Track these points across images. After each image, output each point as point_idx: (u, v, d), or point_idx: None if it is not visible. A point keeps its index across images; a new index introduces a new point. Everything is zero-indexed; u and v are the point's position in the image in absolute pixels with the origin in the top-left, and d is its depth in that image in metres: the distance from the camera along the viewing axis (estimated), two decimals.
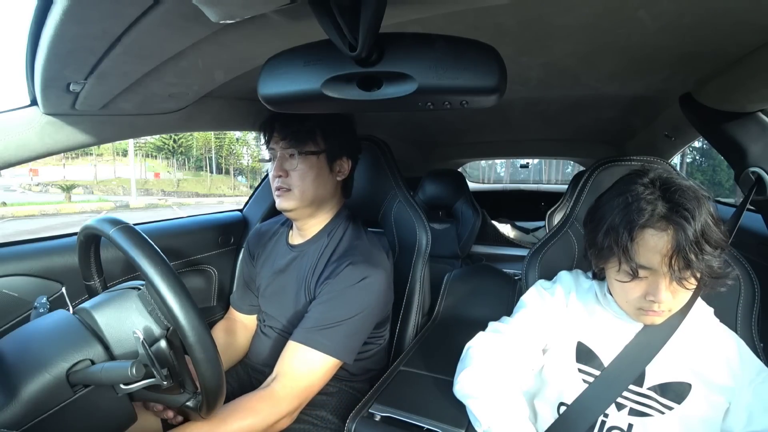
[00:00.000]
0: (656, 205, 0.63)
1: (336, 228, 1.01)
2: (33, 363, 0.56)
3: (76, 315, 0.64)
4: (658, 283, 0.64)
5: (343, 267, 0.90)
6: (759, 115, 0.85)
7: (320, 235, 1.01)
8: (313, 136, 0.94)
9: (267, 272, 1.07)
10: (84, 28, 0.49)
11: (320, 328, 0.86)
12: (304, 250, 1.01)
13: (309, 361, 0.85)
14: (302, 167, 0.93)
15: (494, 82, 0.44)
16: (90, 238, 0.71)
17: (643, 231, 0.63)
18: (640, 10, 0.59)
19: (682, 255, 0.61)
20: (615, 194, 0.70)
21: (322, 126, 0.95)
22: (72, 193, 23.74)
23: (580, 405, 0.71)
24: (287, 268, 1.02)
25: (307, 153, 0.93)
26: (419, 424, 0.70)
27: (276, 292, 1.04)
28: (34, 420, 0.54)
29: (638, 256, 0.64)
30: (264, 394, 0.82)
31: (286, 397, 0.82)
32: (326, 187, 0.98)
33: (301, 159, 0.93)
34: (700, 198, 0.63)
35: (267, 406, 0.81)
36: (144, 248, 0.59)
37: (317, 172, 0.95)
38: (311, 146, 0.94)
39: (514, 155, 2.78)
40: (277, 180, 0.94)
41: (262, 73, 0.48)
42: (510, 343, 0.75)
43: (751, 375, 0.68)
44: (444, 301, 1.21)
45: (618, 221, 0.66)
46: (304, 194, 0.94)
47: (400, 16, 0.52)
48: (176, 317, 0.57)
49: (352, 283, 0.89)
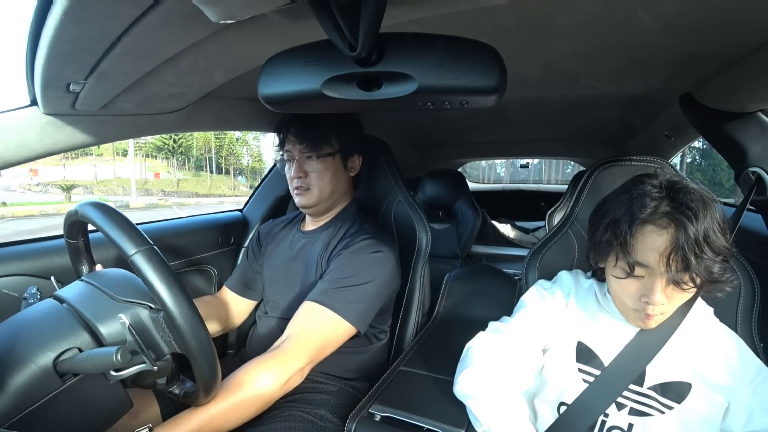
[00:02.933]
0: (660, 202, 0.63)
1: (347, 215, 1.07)
2: (19, 354, 0.55)
3: (64, 304, 0.63)
4: (654, 284, 0.63)
5: (356, 240, 0.96)
6: (759, 115, 0.85)
7: (333, 222, 1.07)
8: (328, 139, 1.00)
9: (276, 261, 1.10)
10: (84, 28, 0.49)
11: (334, 289, 0.89)
12: (317, 235, 1.06)
13: (321, 321, 0.86)
14: (320, 168, 1.00)
15: (494, 82, 0.44)
16: (78, 226, 0.71)
17: (643, 227, 0.63)
18: (640, 10, 0.59)
19: (680, 255, 0.60)
20: (621, 192, 0.69)
21: (335, 128, 1.01)
22: (72, 193, 23.75)
23: (581, 405, 0.71)
24: (298, 254, 1.06)
25: (324, 155, 1.00)
26: (419, 424, 0.70)
27: (283, 277, 1.06)
28: (23, 412, 0.53)
29: (636, 252, 0.63)
30: (275, 353, 0.81)
31: (298, 353, 0.82)
32: (341, 183, 1.05)
33: (319, 161, 1.00)
34: (706, 201, 0.62)
35: (279, 363, 0.79)
36: (127, 231, 0.57)
37: (333, 171, 1.02)
38: (327, 149, 1.00)
39: (514, 155, 2.78)
40: (296, 180, 1.01)
41: (262, 73, 0.48)
42: (510, 343, 0.75)
43: (751, 375, 0.68)
44: (444, 301, 1.21)
45: (620, 215, 0.65)
46: (322, 192, 1.01)
47: (400, 16, 0.52)
48: (168, 309, 0.56)
49: (366, 253, 0.94)
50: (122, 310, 0.61)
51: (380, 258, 0.94)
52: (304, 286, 1.00)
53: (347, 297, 0.88)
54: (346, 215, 1.07)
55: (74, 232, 0.72)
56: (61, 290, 0.66)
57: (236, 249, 1.42)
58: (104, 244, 1.04)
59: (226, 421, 0.72)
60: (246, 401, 0.74)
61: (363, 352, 1.01)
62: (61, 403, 0.56)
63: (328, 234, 1.03)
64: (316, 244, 1.04)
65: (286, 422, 0.85)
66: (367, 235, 0.97)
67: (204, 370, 0.61)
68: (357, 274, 0.91)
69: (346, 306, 0.88)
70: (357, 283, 0.90)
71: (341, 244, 0.97)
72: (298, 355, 0.81)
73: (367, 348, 1.02)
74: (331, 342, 0.87)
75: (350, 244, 0.95)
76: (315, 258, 1.01)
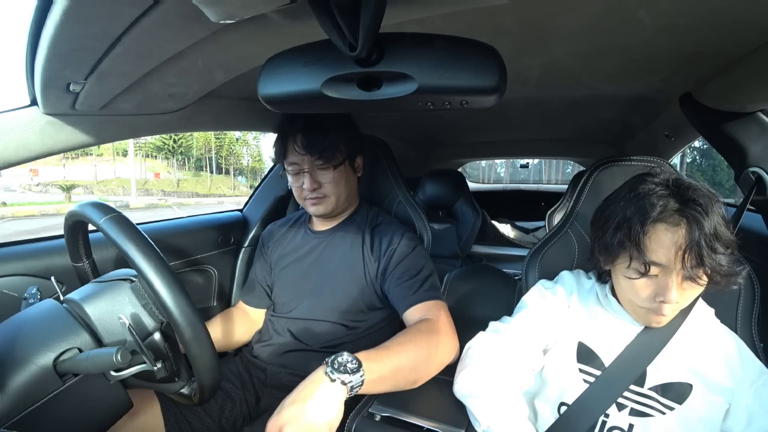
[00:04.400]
0: (668, 200, 0.63)
1: (363, 211, 1.11)
2: (19, 354, 0.55)
3: (64, 304, 0.63)
4: (669, 282, 0.63)
5: (397, 238, 1.01)
6: (759, 115, 0.85)
7: (351, 219, 1.09)
8: (338, 147, 1.00)
9: (284, 262, 1.10)
10: (84, 28, 0.49)
11: (419, 285, 0.94)
12: (332, 235, 1.08)
13: (431, 312, 0.90)
14: (336, 177, 1.01)
15: (494, 82, 0.44)
16: (77, 223, 0.71)
17: (655, 225, 0.63)
18: (640, 10, 0.59)
19: (695, 251, 0.60)
20: (625, 191, 0.69)
21: (341, 133, 1.01)
22: (72, 193, 23.74)
23: (581, 405, 0.71)
24: (314, 254, 1.07)
25: (338, 165, 1.01)
26: (419, 424, 0.70)
27: (297, 279, 1.07)
28: (23, 412, 0.53)
29: (650, 252, 0.63)
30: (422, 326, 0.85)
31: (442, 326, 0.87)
32: (353, 186, 1.08)
33: (335, 171, 1.01)
34: (711, 196, 0.63)
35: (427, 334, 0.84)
36: (136, 241, 0.58)
37: (346, 176, 1.04)
38: (339, 157, 1.01)
39: (514, 155, 2.78)
40: (310, 192, 1.01)
41: (262, 73, 0.48)
42: (510, 343, 0.75)
43: (753, 377, 0.68)
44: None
45: (630, 215, 0.65)
46: (339, 198, 1.03)
47: (400, 16, 0.52)
48: (171, 313, 0.56)
49: (412, 246, 1.01)
50: (106, 289, 0.61)
51: (419, 248, 1.02)
52: (335, 283, 1.01)
53: (429, 284, 0.96)
54: (362, 211, 1.11)
55: (74, 232, 0.72)
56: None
57: (236, 249, 1.42)
58: (104, 244, 1.04)
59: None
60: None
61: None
62: (61, 403, 0.56)
63: (350, 233, 1.06)
64: (338, 243, 1.06)
65: None
66: (398, 229, 1.03)
67: (206, 375, 0.60)
68: (421, 266, 0.98)
69: (433, 291, 0.95)
70: (428, 273, 0.98)
71: (384, 243, 1.01)
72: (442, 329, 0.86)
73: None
74: (451, 324, 0.92)
75: (393, 243, 1.00)
76: (347, 256, 1.03)
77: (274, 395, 0.98)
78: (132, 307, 0.63)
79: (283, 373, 0.99)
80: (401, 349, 0.77)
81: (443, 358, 0.83)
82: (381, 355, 0.73)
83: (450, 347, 0.85)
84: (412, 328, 0.85)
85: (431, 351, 0.80)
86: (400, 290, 0.95)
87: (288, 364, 1.00)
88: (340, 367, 0.65)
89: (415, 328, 0.85)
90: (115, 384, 0.60)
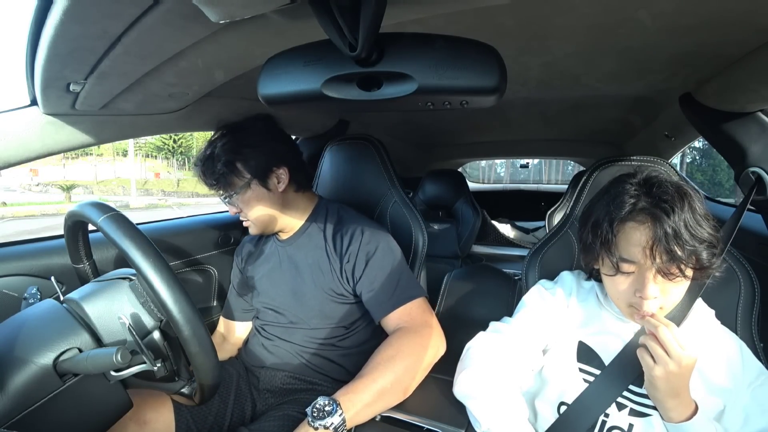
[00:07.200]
0: (638, 199, 0.65)
1: (320, 211, 1.06)
2: (19, 354, 0.55)
3: (64, 304, 0.63)
4: (644, 278, 0.65)
5: (355, 243, 0.96)
6: (759, 115, 0.85)
7: (308, 224, 1.05)
8: (234, 170, 0.95)
9: (260, 271, 1.09)
10: (84, 28, 0.49)
11: (392, 290, 0.92)
12: (296, 240, 1.05)
13: (410, 315, 0.90)
14: (243, 202, 0.98)
15: (494, 82, 0.44)
16: (77, 225, 0.71)
17: (623, 224, 0.66)
18: (640, 10, 0.59)
19: (662, 246, 0.62)
20: (603, 193, 0.72)
21: (236, 154, 0.95)
22: (72, 193, 23.73)
23: (581, 405, 0.71)
24: (284, 263, 1.06)
25: (238, 191, 0.96)
26: (419, 424, 0.70)
27: (270, 287, 1.06)
28: (23, 412, 0.53)
29: (620, 249, 0.66)
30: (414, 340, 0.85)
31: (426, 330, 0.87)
32: (275, 203, 1.00)
33: (238, 197, 0.97)
34: (682, 193, 0.65)
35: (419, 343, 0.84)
36: (134, 238, 0.58)
37: (257, 198, 0.98)
38: (238, 182, 0.96)
39: (514, 155, 2.78)
40: (238, 215, 1.01)
41: (262, 73, 0.48)
42: (510, 343, 0.75)
43: (751, 377, 0.68)
44: (444, 301, 1.21)
45: (601, 217, 0.68)
46: (258, 220, 1.00)
47: (400, 16, 0.52)
48: (170, 312, 0.56)
49: (372, 249, 0.96)
50: (105, 288, 0.61)
51: (383, 244, 0.97)
52: (310, 286, 1.00)
53: (406, 284, 0.94)
54: (321, 211, 1.05)
55: (74, 232, 0.72)
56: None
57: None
58: (104, 244, 1.04)
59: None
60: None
61: (360, 352, 1.00)
62: (61, 403, 0.57)
63: (313, 235, 1.03)
64: (303, 248, 1.03)
65: (280, 421, 0.86)
66: (357, 226, 0.98)
67: (206, 375, 0.60)
68: (389, 266, 0.95)
69: (412, 288, 0.93)
70: (398, 271, 0.95)
71: (345, 241, 0.97)
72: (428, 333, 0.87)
73: (362, 348, 1.01)
74: (433, 318, 0.92)
75: (354, 242, 0.96)
76: (315, 259, 1.00)
77: (268, 399, 0.98)
78: (131, 306, 0.63)
79: (277, 376, 0.99)
80: (381, 371, 0.78)
81: (430, 360, 0.84)
82: (359, 386, 0.75)
83: (434, 344, 0.85)
84: (390, 342, 0.85)
85: (415, 358, 0.81)
86: (373, 298, 0.93)
87: (280, 367, 1.00)
88: (319, 413, 0.70)
89: (394, 339, 0.85)
90: (115, 384, 0.60)
